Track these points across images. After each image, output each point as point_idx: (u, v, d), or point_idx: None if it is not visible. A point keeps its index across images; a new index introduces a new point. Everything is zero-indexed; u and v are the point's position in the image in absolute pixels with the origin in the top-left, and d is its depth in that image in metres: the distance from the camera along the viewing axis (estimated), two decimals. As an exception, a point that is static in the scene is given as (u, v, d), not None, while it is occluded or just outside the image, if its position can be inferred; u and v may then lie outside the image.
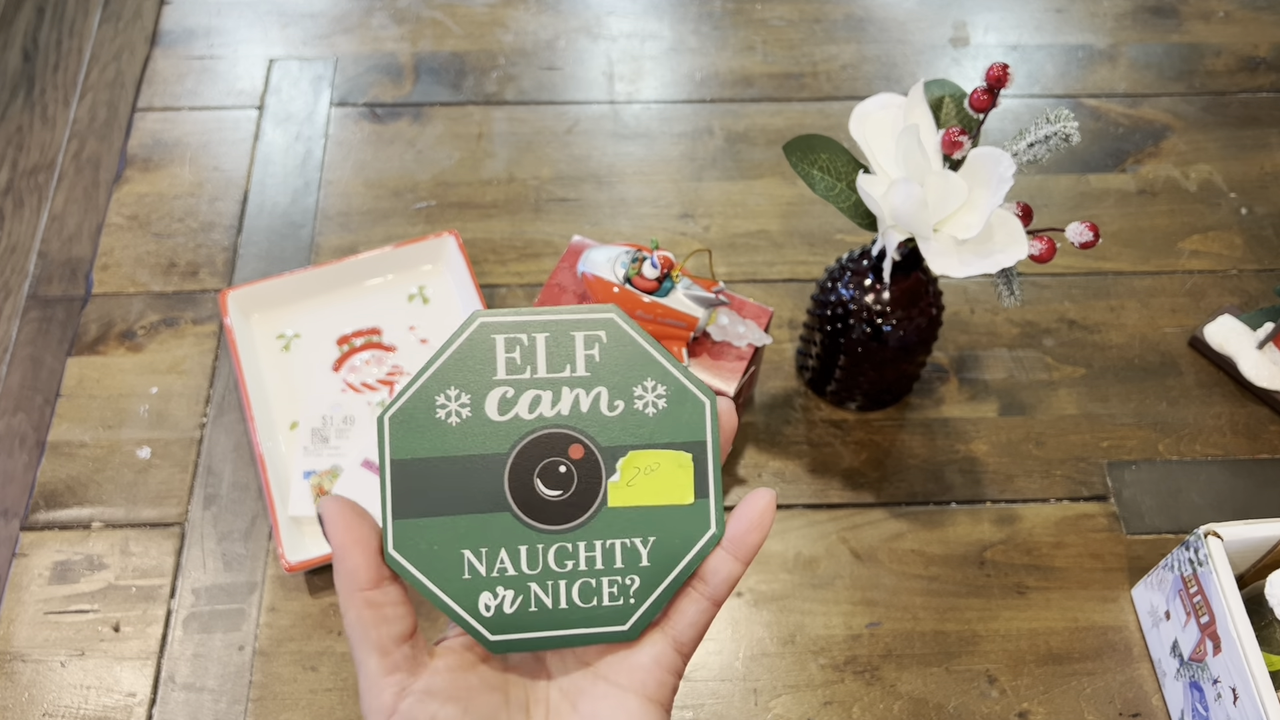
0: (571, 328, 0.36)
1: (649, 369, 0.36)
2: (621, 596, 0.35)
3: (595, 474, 0.35)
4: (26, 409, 0.74)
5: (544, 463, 0.35)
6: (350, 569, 0.33)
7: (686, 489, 0.35)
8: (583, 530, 0.35)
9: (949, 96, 0.59)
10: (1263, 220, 0.85)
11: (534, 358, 0.35)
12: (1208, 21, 0.97)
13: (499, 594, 0.35)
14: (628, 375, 0.36)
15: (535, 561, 0.35)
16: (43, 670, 0.64)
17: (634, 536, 0.35)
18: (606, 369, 0.36)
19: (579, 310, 0.36)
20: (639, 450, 0.36)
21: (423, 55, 0.93)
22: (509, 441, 0.35)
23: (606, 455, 0.35)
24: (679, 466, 0.35)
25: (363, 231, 0.83)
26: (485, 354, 0.35)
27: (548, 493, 0.35)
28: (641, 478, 0.35)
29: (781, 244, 0.83)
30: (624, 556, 0.35)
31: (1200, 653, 0.59)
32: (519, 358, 0.35)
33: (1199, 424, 0.75)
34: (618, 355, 0.36)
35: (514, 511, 0.35)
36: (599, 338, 0.36)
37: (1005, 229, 0.56)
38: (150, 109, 0.90)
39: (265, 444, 0.69)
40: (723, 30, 0.96)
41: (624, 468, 0.35)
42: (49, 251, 0.82)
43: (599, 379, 0.36)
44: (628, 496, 0.35)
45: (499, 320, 0.35)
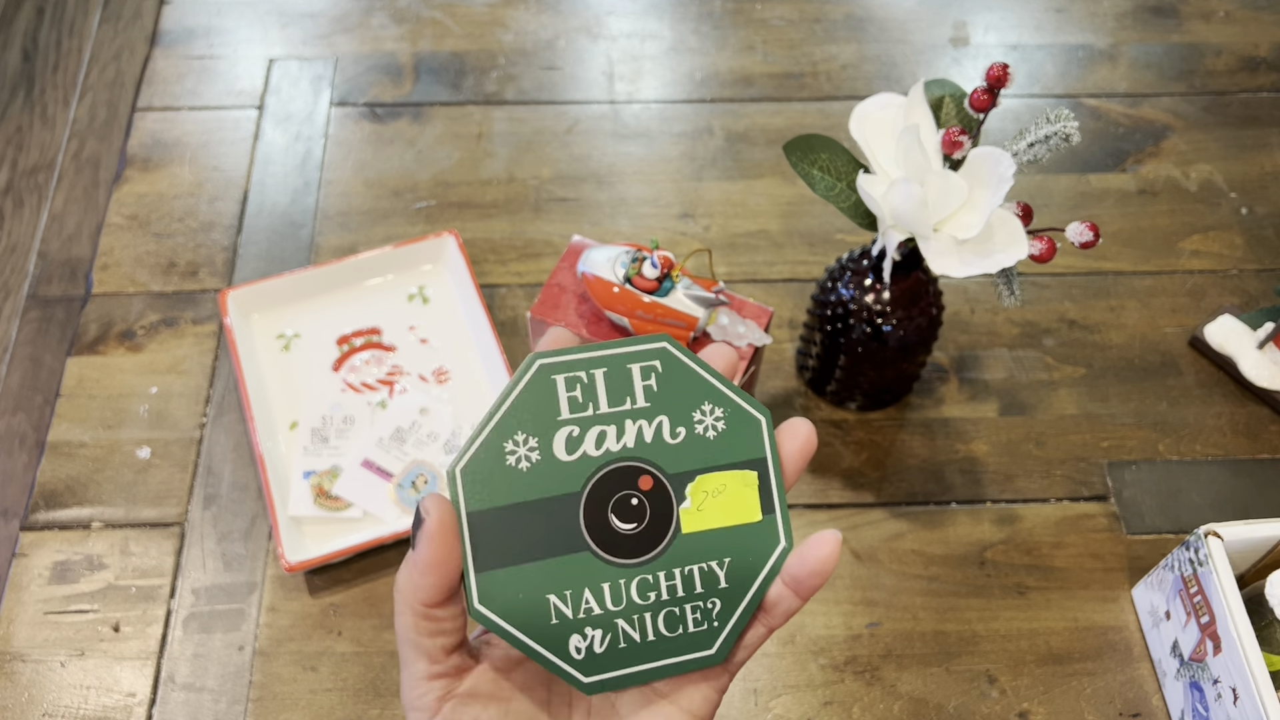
0: (627, 360, 0.36)
1: (705, 393, 0.36)
2: (705, 620, 0.35)
3: (666, 502, 0.36)
4: (26, 409, 0.74)
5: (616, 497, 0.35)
6: (425, 585, 0.33)
7: (754, 507, 0.36)
8: (661, 560, 0.35)
9: (949, 96, 0.59)
10: (1263, 220, 0.85)
11: (595, 394, 0.36)
12: (1208, 21, 0.97)
13: (588, 635, 0.35)
14: (686, 401, 0.36)
15: (619, 597, 0.35)
16: (42, 670, 0.64)
17: (710, 560, 0.36)
18: (665, 397, 0.36)
19: (633, 342, 0.36)
20: (705, 474, 0.36)
21: (423, 55, 0.93)
22: (581, 479, 0.35)
23: (675, 482, 0.36)
24: (745, 485, 0.36)
25: (362, 231, 0.83)
26: (547, 395, 0.35)
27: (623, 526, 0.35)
28: (710, 501, 0.36)
29: (781, 244, 0.83)
30: (703, 581, 0.36)
31: (1200, 653, 0.59)
32: (580, 395, 0.36)
33: (1199, 424, 0.75)
34: (674, 383, 0.36)
35: (593, 549, 0.35)
36: (654, 367, 0.36)
37: (1005, 229, 0.56)
38: (150, 109, 0.90)
39: (265, 444, 0.69)
40: (723, 30, 0.96)
41: (693, 493, 0.36)
42: (49, 251, 0.82)
43: (659, 408, 0.36)
44: (699, 521, 0.36)
45: (557, 361, 0.36)
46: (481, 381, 0.74)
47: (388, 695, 0.64)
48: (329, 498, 0.69)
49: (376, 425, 0.72)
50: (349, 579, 0.67)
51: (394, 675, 0.64)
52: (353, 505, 0.69)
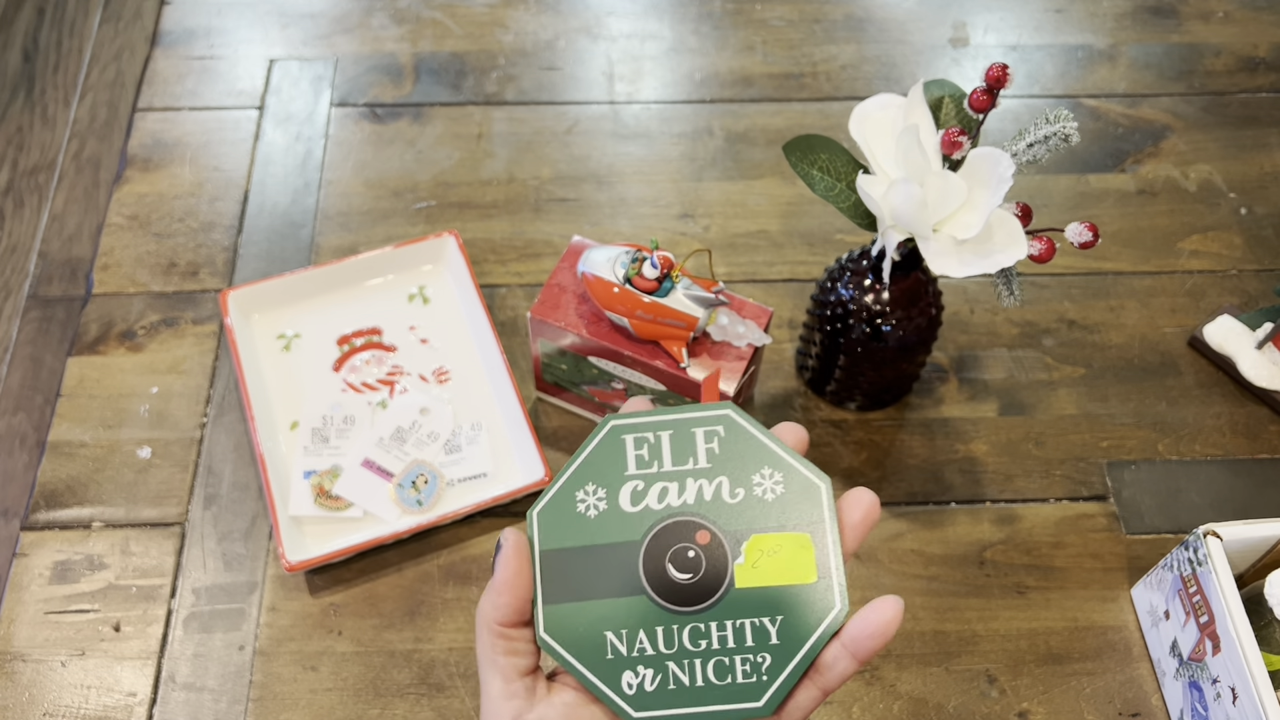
0: (692, 425, 0.39)
1: (765, 458, 0.39)
2: (755, 674, 0.37)
3: (722, 558, 0.38)
4: (27, 409, 0.74)
5: (674, 548, 0.38)
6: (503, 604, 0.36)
7: (809, 569, 0.37)
8: (713, 611, 0.38)
9: (949, 97, 0.59)
10: (1262, 220, 0.85)
11: (660, 453, 0.39)
12: (1207, 21, 0.97)
13: (640, 673, 0.37)
14: (746, 465, 0.39)
15: (671, 641, 0.37)
16: (43, 670, 0.64)
17: (762, 616, 0.37)
18: (726, 460, 0.39)
19: (698, 409, 0.40)
20: (761, 534, 0.38)
21: (423, 55, 0.93)
22: (642, 530, 0.38)
23: (731, 540, 0.38)
24: (800, 548, 0.38)
25: (363, 231, 0.83)
26: (617, 453, 0.39)
27: (679, 576, 0.38)
28: (765, 559, 0.38)
29: (781, 244, 0.83)
30: (754, 635, 0.37)
31: (1199, 652, 0.59)
32: (647, 454, 0.39)
33: (1198, 424, 0.75)
34: (735, 447, 0.39)
35: (649, 594, 0.38)
36: (718, 432, 0.39)
37: (1005, 229, 0.57)
38: (150, 109, 0.90)
39: (265, 444, 0.69)
40: (723, 30, 0.96)
41: (748, 551, 0.38)
42: (49, 251, 0.82)
43: (719, 469, 0.39)
44: (753, 578, 0.38)
45: (628, 422, 0.40)
46: (482, 381, 0.74)
47: (388, 695, 0.64)
48: (329, 497, 0.69)
49: (377, 425, 0.72)
50: (349, 579, 0.67)
51: (394, 675, 0.64)
52: (353, 505, 0.69)
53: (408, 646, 0.65)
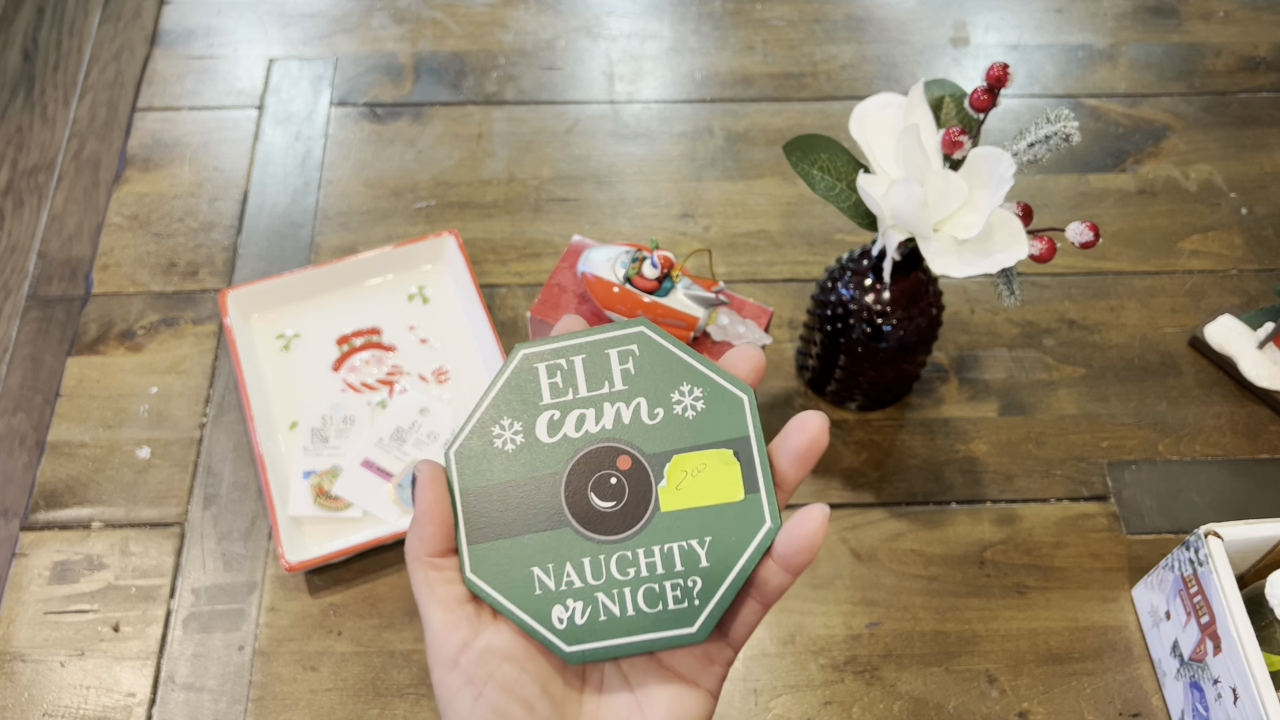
0: (605, 346, 0.38)
1: (683, 373, 0.37)
2: (686, 599, 0.36)
3: (645, 482, 0.37)
4: (26, 409, 0.74)
5: (595, 476, 0.37)
6: (427, 535, 0.35)
7: (736, 486, 0.36)
8: (639, 537, 0.37)
9: (949, 96, 0.59)
10: (1263, 220, 0.85)
11: (574, 379, 0.38)
12: (1208, 21, 0.97)
13: (569, 606, 0.36)
14: (663, 383, 0.37)
15: (599, 572, 0.36)
16: (42, 670, 0.64)
17: (690, 539, 0.36)
18: (642, 380, 0.37)
19: (611, 328, 0.38)
20: (683, 454, 0.37)
21: (423, 55, 0.93)
22: (562, 460, 0.37)
23: (653, 462, 0.37)
24: (724, 465, 0.36)
25: (362, 231, 0.83)
26: (530, 382, 0.38)
27: (602, 505, 0.37)
28: (689, 480, 0.37)
29: (781, 244, 0.83)
30: (683, 559, 0.36)
31: (1200, 653, 0.59)
32: (561, 381, 0.38)
33: (1199, 424, 0.75)
34: (652, 365, 0.38)
35: (574, 526, 0.37)
36: (632, 351, 0.38)
37: (1005, 229, 0.56)
38: (150, 109, 0.90)
39: (265, 444, 0.69)
40: (723, 30, 0.96)
41: (670, 472, 0.37)
42: (49, 251, 0.82)
43: (637, 390, 0.37)
44: (678, 500, 0.37)
45: (539, 349, 0.38)
46: (482, 381, 0.74)
47: (388, 695, 0.64)
48: (329, 498, 0.69)
49: (376, 425, 0.72)
50: (349, 579, 0.67)
51: (394, 675, 0.64)
52: (353, 505, 0.69)
53: (407, 647, 0.65)
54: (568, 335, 0.38)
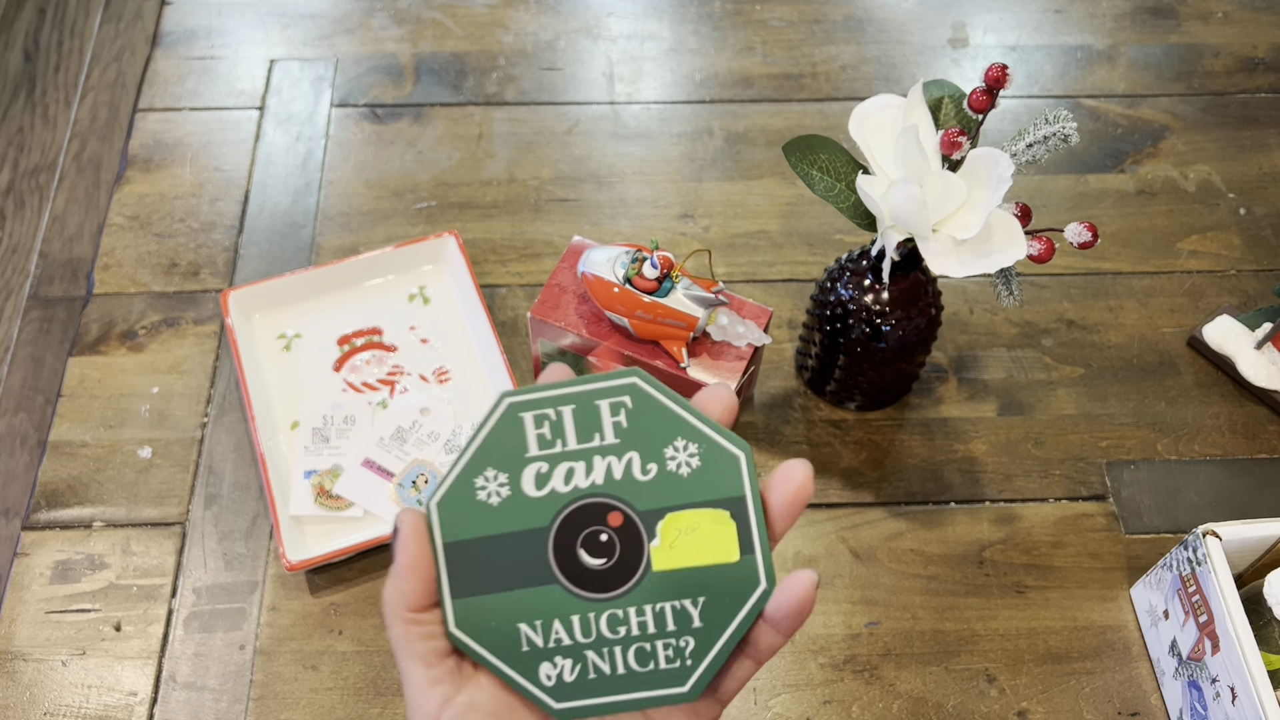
0: (595, 397, 0.36)
1: (678, 428, 0.36)
2: (678, 658, 0.35)
3: (637, 539, 0.36)
4: (28, 409, 0.75)
5: (585, 532, 0.36)
6: (408, 590, 0.34)
7: (731, 546, 0.35)
8: (631, 596, 0.36)
9: (948, 97, 0.59)
10: (1261, 220, 0.85)
11: (563, 431, 0.36)
12: (1206, 22, 0.97)
13: (558, 664, 0.36)
14: (657, 437, 0.36)
15: (589, 630, 0.36)
16: (44, 669, 0.64)
17: (683, 598, 0.36)
18: (635, 433, 0.36)
19: (602, 378, 0.36)
20: (677, 511, 0.36)
21: (423, 56, 0.94)
22: (549, 515, 0.36)
23: (646, 519, 0.36)
24: (719, 524, 0.35)
25: (363, 232, 0.83)
26: (516, 433, 0.36)
27: (592, 561, 0.36)
28: (683, 539, 0.36)
29: (781, 244, 0.83)
30: (675, 619, 0.36)
31: (1199, 652, 0.59)
32: (549, 433, 0.36)
33: (1197, 424, 0.75)
34: (645, 418, 0.36)
35: (561, 583, 0.36)
36: (624, 403, 0.36)
37: (1004, 229, 0.57)
38: (151, 109, 0.90)
39: (266, 443, 0.69)
40: (722, 31, 0.96)
41: (664, 530, 0.36)
42: (50, 251, 0.82)
43: (629, 444, 0.36)
44: (671, 559, 0.36)
45: (525, 399, 0.36)
46: (482, 381, 0.74)
47: (388, 694, 0.64)
48: (330, 497, 0.69)
49: (377, 425, 0.72)
50: (350, 578, 0.68)
51: (394, 674, 0.65)
52: (354, 504, 0.69)
53: (408, 646, 0.65)
54: (556, 384, 0.36)
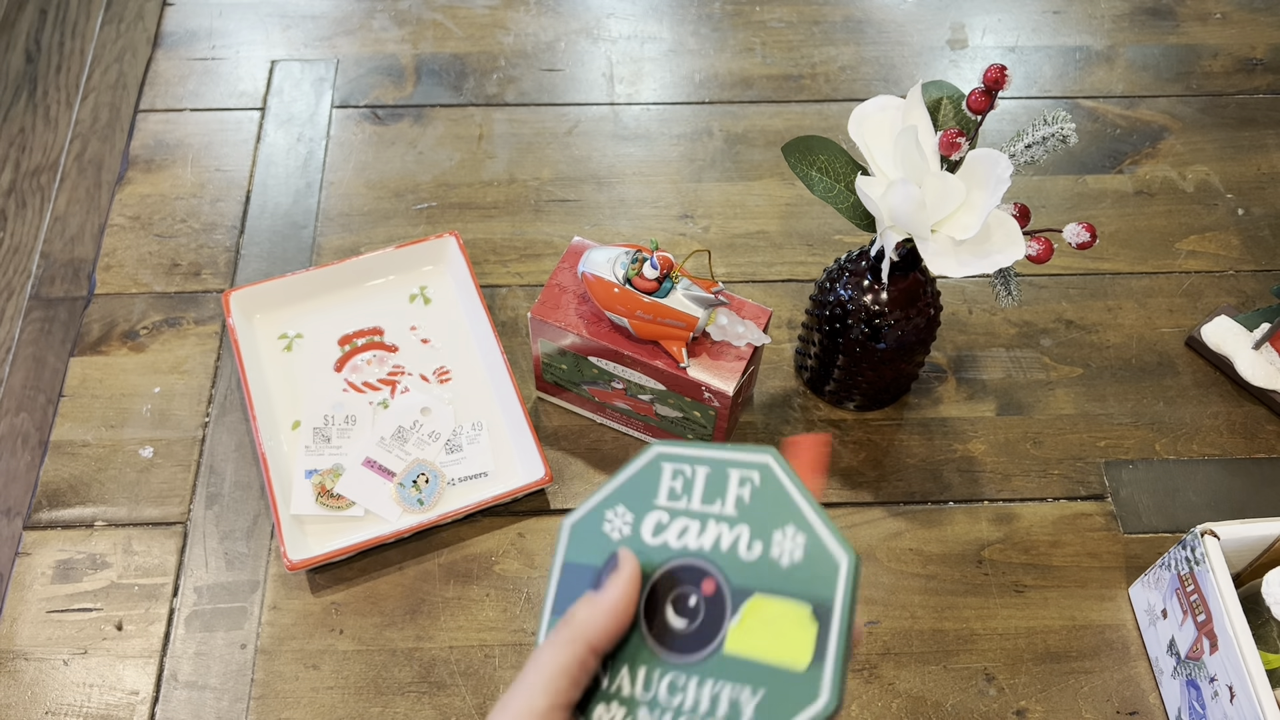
0: (729, 466, 0.38)
1: (793, 516, 0.36)
2: None
3: (720, 612, 0.36)
4: (29, 409, 0.75)
5: (678, 590, 0.37)
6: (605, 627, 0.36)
7: (805, 649, 0.34)
8: (697, 666, 0.36)
9: (947, 98, 0.59)
10: (1259, 221, 0.85)
11: (692, 489, 0.38)
12: (1205, 23, 0.98)
13: (612, 710, 0.36)
14: (772, 519, 0.36)
15: (650, 686, 0.36)
16: (45, 668, 0.65)
17: (744, 684, 0.35)
18: (753, 510, 0.37)
19: (741, 449, 0.38)
20: (765, 596, 0.36)
21: (424, 57, 0.94)
22: (654, 564, 0.38)
23: (735, 595, 0.36)
24: (800, 624, 0.35)
25: (364, 232, 0.83)
26: (653, 480, 0.39)
27: (675, 621, 0.37)
28: (762, 626, 0.35)
29: (780, 244, 0.83)
30: (729, 705, 0.35)
31: (1197, 651, 0.59)
32: (680, 487, 0.38)
33: (1196, 424, 0.75)
34: (767, 498, 0.37)
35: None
36: (752, 479, 0.37)
37: (1003, 230, 0.57)
38: (152, 110, 0.90)
39: (268, 443, 0.69)
40: (722, 32, 0.96)
41: (747, 612, 0.36)
42: (52, 252, 0.82)
43: (744, 518, 0.37)
44: (744, 644, 0.35)
45: (672, 450, 0.39)
46: (482, 381, 0.75)
47: (389, 693, 0.64)
48: (331, 496, 0.69)
49: (378, 424, 0.72)
50: (351, 577, 0.68)
51: (395, 673, 0.65)
52: (355, 504, 0.69)
53: (409, 645, 0.66)
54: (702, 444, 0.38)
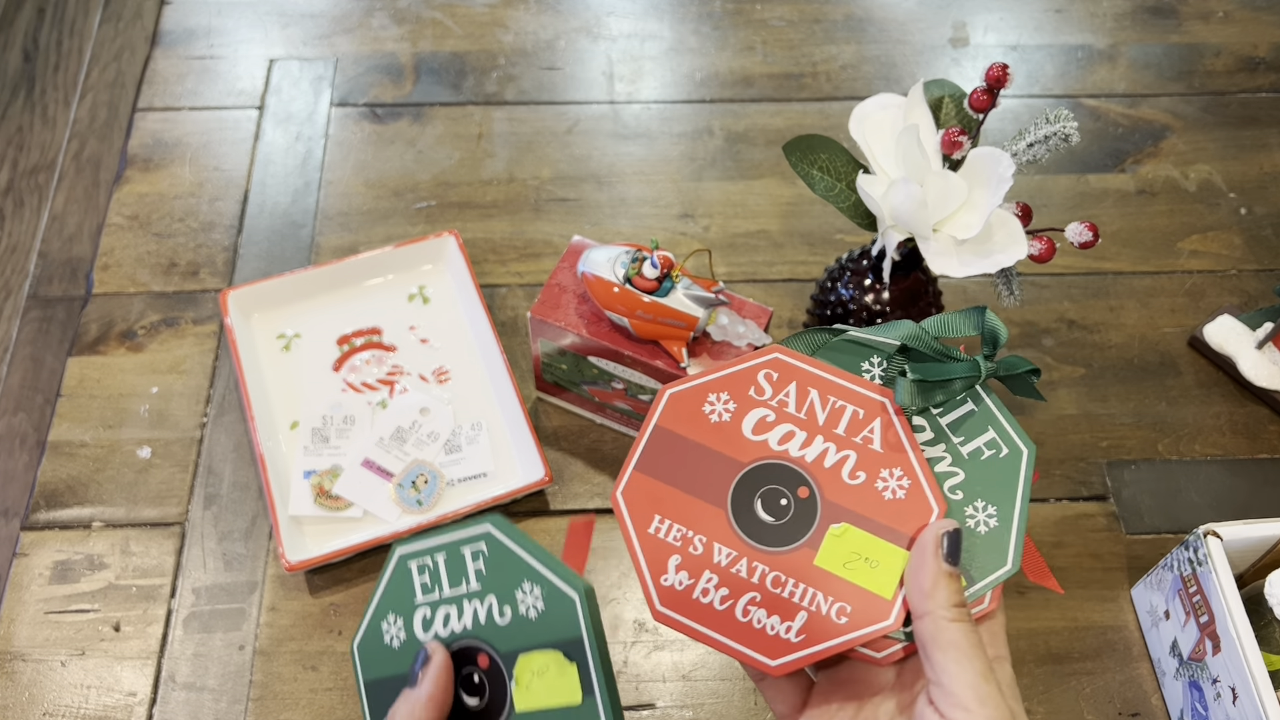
0: (460, 545, 0.39)
1: (524, 572, 0.38)
2: None
3: (501, 681, 0.38)
4: (27, 409, 0.74)
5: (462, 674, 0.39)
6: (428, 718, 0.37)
7: (574, 688, 0.37)
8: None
9: (949, 96, 0.59)
10: (1262, 220, 0.85)
11: (439, 578, 0.39)
12: (1207, 21, 0.97)
13: None
14: (509, 581, 0.38)
15: None
16: (43, 670, 0.64)
17: None
18: (492, 578, 0.38)
19: (462, 527, 0.39)
20: (527, 654, 0.37)
21: (423, 55, 0.94)
22: None
23: (506, 661, 0.38)
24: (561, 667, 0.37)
25: (363, 231, 0.83)
26: (406, 580, 0.40)
27: (469, 701, 0.38)
28: (536, 680, 0.37)
29: (781, 244, 0.83)
30: None
31: (1199, 652, 0.59)
32: (429, 580, 0.39)
33: (1198, 424, 0.75)
34: (499, 564, 0.38)
35: None
36: (481, 550, 0.39)
37: (1005, 229, 0.57)
38: (151, 109, 0.90)
39: (266, 444, 0.69)
40: (723, 30, 0.96)
41: (519, 672, 0.38)
42: (49, 251, 0.82)
43: (488, 588, 0.38)
44: (528, 700, 0.37)
45: (411, 548, 0.40)
46: (482, 381, 0.74)
47: (388, 694, 0.64)
48: (329, 497, 0.69)
49: (377, 425, 0.72)
50: (349, 578, 0.67)
51: (394, 674, 0.64)
52: (353, 505, 0.69)
53: (408, 646, 0.65)
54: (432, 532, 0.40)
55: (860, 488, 0.38)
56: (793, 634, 0.37)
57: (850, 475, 0.38)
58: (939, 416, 0.40)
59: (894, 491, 0.38)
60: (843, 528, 0.37)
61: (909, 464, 0.38)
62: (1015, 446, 0.39)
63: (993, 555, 0.38)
